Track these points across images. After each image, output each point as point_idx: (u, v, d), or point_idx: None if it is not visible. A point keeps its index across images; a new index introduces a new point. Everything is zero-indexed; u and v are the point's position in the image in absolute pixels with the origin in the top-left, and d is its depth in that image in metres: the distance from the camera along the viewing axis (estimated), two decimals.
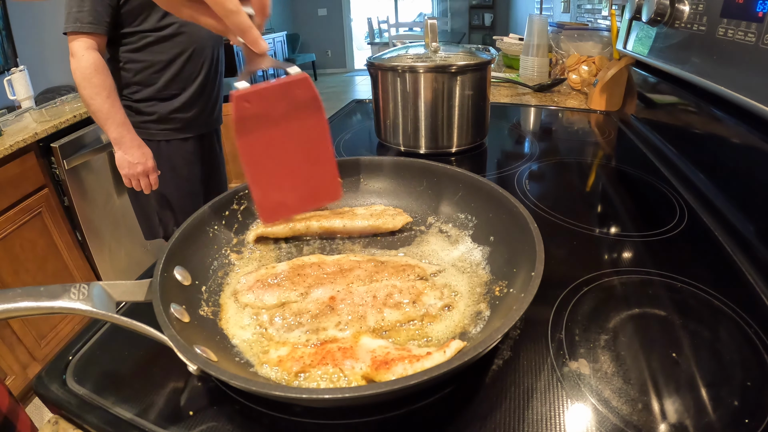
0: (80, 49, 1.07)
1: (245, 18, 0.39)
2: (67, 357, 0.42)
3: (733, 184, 0.63)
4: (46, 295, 0.32)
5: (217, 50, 1.33)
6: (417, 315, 0.42)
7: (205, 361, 0.32)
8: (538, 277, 0.37)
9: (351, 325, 0.41)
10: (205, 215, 0.52)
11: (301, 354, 0.37)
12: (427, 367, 0.33)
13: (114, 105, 1.14)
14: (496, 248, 0.49)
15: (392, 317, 0.42)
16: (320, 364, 0.36)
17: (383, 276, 0.46)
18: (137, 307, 0.39)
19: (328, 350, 0.37)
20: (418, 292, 0.44)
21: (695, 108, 0.74)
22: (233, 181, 2.52)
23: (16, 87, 1.80)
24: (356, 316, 0.42)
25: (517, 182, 0.73)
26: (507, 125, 1.07)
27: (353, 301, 0.43)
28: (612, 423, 0.33)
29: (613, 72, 1.08)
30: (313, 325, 0.41)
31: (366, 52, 7.23)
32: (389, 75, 0.81)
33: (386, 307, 0.42)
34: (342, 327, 0.41)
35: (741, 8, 0.56)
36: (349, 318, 0.42)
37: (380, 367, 0.34)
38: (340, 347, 0.38)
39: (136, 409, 0.36)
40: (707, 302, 0.45)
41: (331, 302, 0.43)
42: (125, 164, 1.21)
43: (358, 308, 0.42)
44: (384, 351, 0.36)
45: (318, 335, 0.40)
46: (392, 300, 0.43)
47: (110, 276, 1.85)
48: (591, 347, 0.40)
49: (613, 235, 0.58)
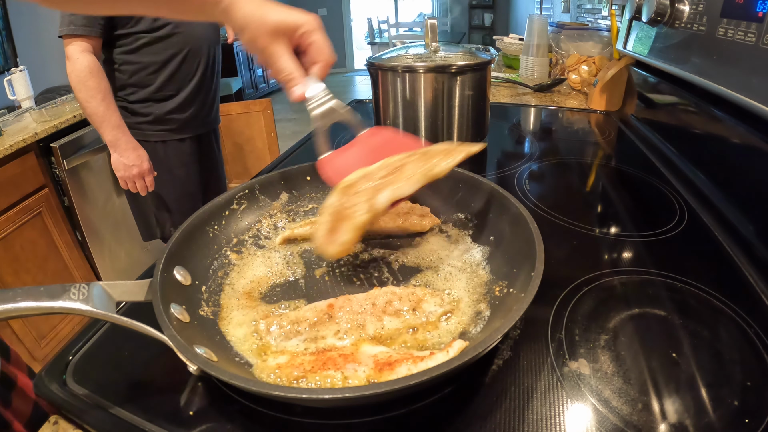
0: (75, 53, 1.07)
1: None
2: (67, 357, 0.42)
3: (733, 184, 0.63)
4: (46, 295, 0.32)
5: (213, 50, 1.33)
6: (417, 323, 0.42)
7: (205, 361, 0.32)
8: (538, 276, 0.37)
9: (350, 333, 0.40)
10: (205, 215, 0.52)
11: (300, 361, 0.37)
12: (431, 366, 0.33)
13: (109, 108, 1.14)
14: (496, 248, 0.49)
15: (392, 325, 0.41)
16: (321, 369, 0.35)
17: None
18: (137, 307, 0.39)
19: (329, 357, 0.37)
20: (418, 299, 0.43)
21: (695, 108, 0.74)
22: (233, 180, 2.52)
23: (16, 87, 1.80)
24: (355, 325, 0.41)
25: (517, 182, 0.73)
26: (507, 125, 1.07)
27: (352, 308, 0.42)
28: (612, 423, 0.33)
29: (613, 72, 1.08)
30: (311, 333, 0.41)
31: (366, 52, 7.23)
32: (389, 75, 0.81)
33: (386, 314, 0.42)
34: (341, 335, 0.40)
35: (741, 8, 0.56)
36: (348, 326, 0.41)
37: (383, 368, 0.34)
38: (341, 354, 0.37)
39: (136, 409, 0.36)
40: (707, 302, 0.45)
41: (330, 310, 0.42)
42: (121, 167, 1.21)
43: (357, 316, 0.42)
44: (386, 355, 0.36)
45: (317, 344, 0.40)
46: (392, 307, 0.42)
47: (110, 276, 1.85)
48: (591, 347, 0.40)
49: (613, 235, 0.58)
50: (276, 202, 0.60)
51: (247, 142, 2.58)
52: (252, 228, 0.57)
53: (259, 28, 0.45)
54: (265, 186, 0.59)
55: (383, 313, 0.42)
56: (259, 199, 0.59)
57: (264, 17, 0.45)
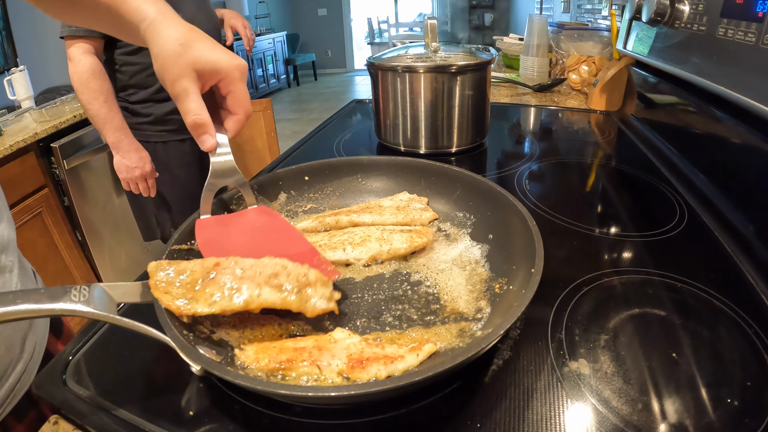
0: (77, 54, 1.07)
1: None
2: (67, 357, 0.42)
3: (733, 184, 0.63)
4: (46, 297, 0.32)
5: None
6: (293, 305, 0.38)
7: (209, 362, 0.32)
8: (538, 273, 0.37)
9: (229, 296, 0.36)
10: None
11: (275, 350, 0.36)
12: (401, 369, 0.34)
13: (111, 109, 1.14)
14: (495, 246, 0.49)
15: (270, 297, 0.37)
16: (297, 360, 0.35)
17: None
18: (137, 308, 0.39)
19: (302, 347, 0.37)
20: (306, 283, 0.38)
21: (695, 108, 0.74)
22: None
23: (16, 87, 1.80)
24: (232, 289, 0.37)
25: (517, 182, 0.73)
26: (507, 125, 1.07)
27: (234, 273, 0.37)
28: (612, 423, 0.33)
29: (613, 72, 1.08)
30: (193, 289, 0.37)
31: (366, 52, 7.23)
32: (389, 75, 0.81)
33: (267, 285, 0.37)
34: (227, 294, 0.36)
35: (741, 8, 0.56)
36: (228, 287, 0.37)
37: (356, 366, 0.34)
38: (315, 345, 0.37)
39: (137, 409, 0.36)
40: (707, 302, 0.45)
41: (215, 268, 0.38)
42: (123, 168, 1.21)
43: (238, 281, 0.37)
44: (358, 348, 0.36)
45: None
46: (276, 281, 0.38)
47: (110, 276, 1.85)
48: (591, 347, 0.40)
49: (613, 235, 0.58)
50: (274, 202, 0.60)
51: (247, 142, 2.58)
52: None
53: (176, 59, 0.39)
54: (264, 186, 0.59)
55: (265, 283, 0.37)
56: (257, 200, 0.59)
57: (185, 49, 0.40)
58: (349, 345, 0.37)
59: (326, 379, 0.34)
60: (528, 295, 0.35)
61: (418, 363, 0.35)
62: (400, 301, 0.45)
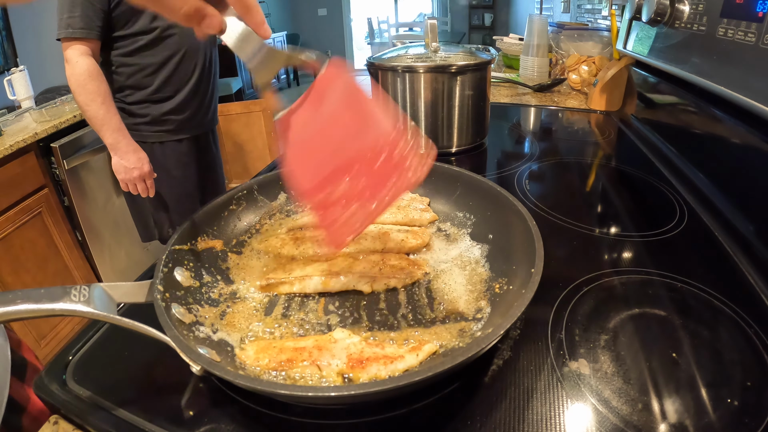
0: (74, 56, 1.07)
1: None
2: (67, 357, 0.42)
3: (733, 184, 0.63)
4: (46, 297, 0.32)
5: (210, 51, 1.33)
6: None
7: (209, 362, 0.32)
8: (538, 273, 0.37)
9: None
10: (204, 216, 0.52)
11: (275, 349, 0.37)
12: (401, 369, 0.34)
13: (109, 111, 1.14)
14: (495, 246, 0.49)
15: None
16: (298, 360, 0.35)
17: None
18: (137, 308, 0.39)
19: (302, 347, 0.37)
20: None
21: (695, 108, 0.74)
22: (233, 181, 2.52)
23: (16, 87, 1.80)
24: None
25: (517, 182, 0.73)
26: (507, 125, 1.07)
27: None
28: (612, 423, 0.33)
29: (613, 72, 1.08)
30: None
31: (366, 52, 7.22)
32: (389, 75, 0.81)
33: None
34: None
35: (741, 8, 0.56)
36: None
37: (356, 366, 0.35)
38: (315, 344, 0.37)
39: (137, 409, 0.36)
40: (707, 302, 0.45)
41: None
42: (121, 169, 1.21)
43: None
44: (358, 348, 0.36)
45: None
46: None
47: (110, 276, 1.85)
48: (591, 347, 0.40)
49: (613, 235, 0.58)
50: (274, 202, 0.60)
51: (247, 142, 2.58)
52: (251, 228, 0.57)
53: None
54: (264, 186, 0.59)
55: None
56: (258, 200, 0.59)
57: None
58: (349, 345, 0.37)
59: (326, 379, 0.34)
60: (528, 295, 0.35)
61: (418, 363, 0.35)
62: (400, 301, 0.45)
